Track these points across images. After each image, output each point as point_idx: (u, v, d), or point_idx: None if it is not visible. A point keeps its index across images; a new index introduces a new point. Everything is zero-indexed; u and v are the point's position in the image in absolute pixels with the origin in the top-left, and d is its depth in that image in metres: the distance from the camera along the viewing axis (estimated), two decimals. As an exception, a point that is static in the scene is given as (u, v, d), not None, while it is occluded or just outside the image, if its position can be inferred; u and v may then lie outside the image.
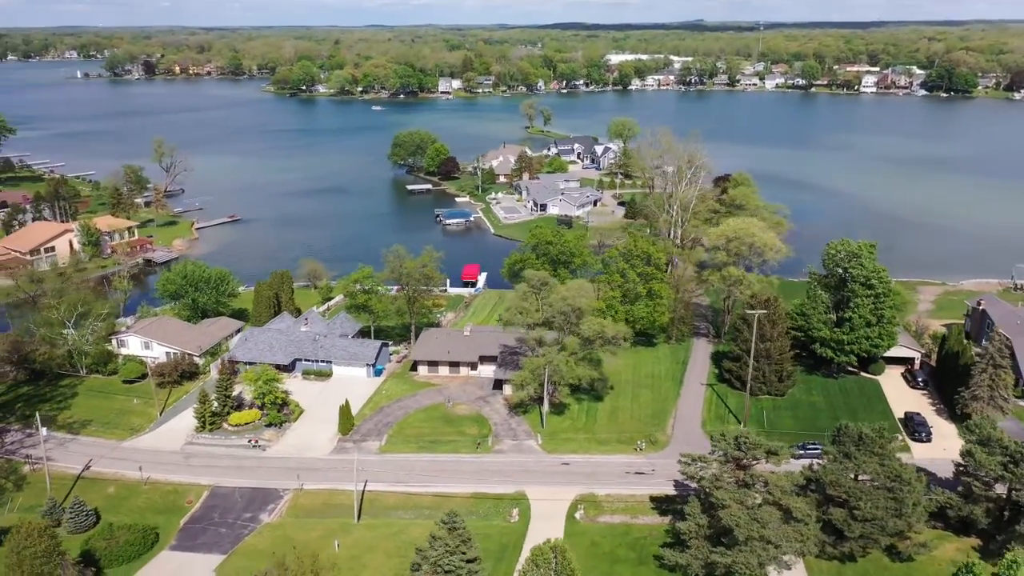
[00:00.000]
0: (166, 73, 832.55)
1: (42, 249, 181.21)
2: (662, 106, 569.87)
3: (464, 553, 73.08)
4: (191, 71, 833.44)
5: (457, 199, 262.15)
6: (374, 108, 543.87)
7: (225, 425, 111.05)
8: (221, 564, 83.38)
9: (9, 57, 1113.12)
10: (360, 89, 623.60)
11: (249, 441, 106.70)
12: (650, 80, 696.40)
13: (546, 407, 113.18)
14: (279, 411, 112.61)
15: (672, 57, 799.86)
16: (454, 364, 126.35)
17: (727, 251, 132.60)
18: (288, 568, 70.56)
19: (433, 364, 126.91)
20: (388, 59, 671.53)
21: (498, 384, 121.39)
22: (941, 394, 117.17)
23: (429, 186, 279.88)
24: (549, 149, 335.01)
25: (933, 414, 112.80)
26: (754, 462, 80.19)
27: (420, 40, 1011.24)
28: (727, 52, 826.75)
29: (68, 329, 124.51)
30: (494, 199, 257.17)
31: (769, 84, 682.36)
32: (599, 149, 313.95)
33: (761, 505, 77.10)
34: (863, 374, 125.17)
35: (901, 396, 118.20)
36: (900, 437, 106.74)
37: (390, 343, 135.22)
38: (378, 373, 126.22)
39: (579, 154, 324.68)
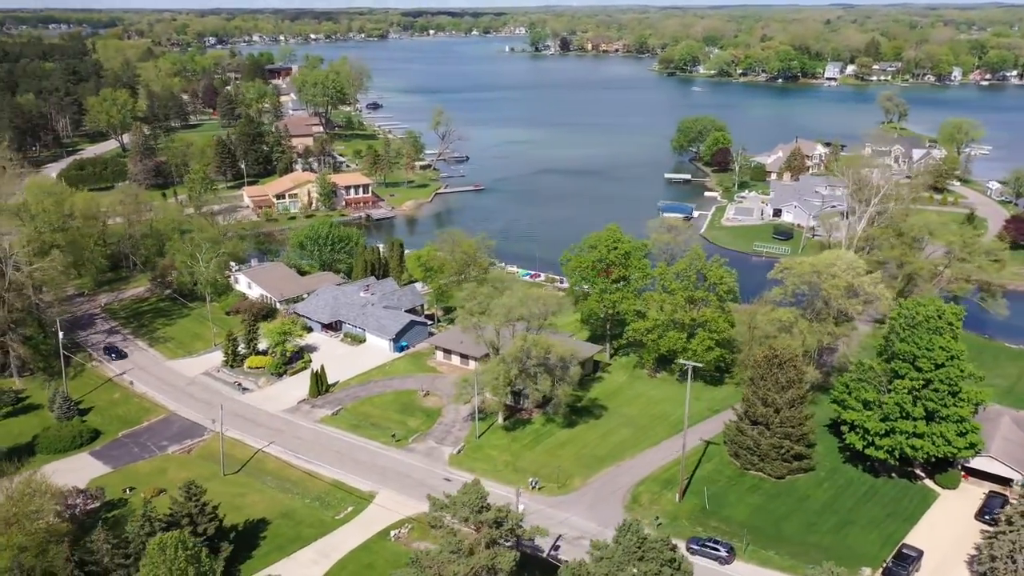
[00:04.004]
0: (579, 50, 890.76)
1: (287, 195, 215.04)
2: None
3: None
4: (601, 48, 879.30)
5: (706, 193, 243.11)
6: (694, 89, 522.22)
7: (244, 365, 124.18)
8: (102, 475, 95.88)
9: (472, 33, 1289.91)
10: (740, 71, 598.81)
11: (235, 383, 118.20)
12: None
13: (500, 420, 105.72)
14: (284, 363, 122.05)
15: None
16: (464, 356, 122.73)
17: (785, 290, 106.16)
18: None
19: (448, 352, 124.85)
20: (783, 40, 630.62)
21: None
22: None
23: (688, 176, 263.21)
24: (865, 149, 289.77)
25: (964, 564, 79.51)
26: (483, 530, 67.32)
27: (869, 21, 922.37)
28: None
29: (199, 261, 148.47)
30: (742, 197, 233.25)
31: None
32: (917, 153, 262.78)
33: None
34: (928, 482, 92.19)
35: (948, 526, 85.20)
36: (867, 572, 77.96)
37: (430, 322, 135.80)
38: (400, 349, 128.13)
39: (897, 158, 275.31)
